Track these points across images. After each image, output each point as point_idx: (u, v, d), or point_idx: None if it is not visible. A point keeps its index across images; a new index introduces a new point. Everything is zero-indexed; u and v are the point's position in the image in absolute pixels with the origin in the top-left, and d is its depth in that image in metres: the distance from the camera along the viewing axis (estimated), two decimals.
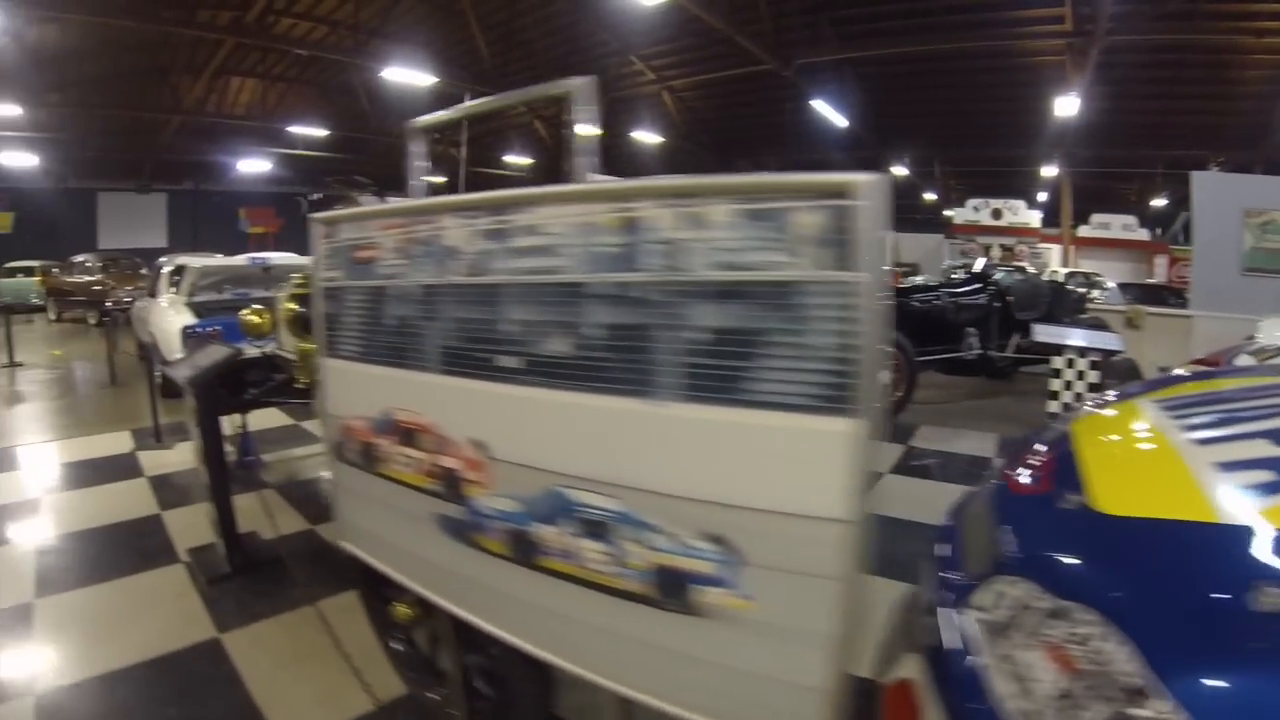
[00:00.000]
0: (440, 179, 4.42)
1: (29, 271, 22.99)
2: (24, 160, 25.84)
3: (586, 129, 1.90)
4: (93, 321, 18.02)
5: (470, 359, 2.00)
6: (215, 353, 4.39)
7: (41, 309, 20.10)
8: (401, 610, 2.64)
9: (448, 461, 2.09)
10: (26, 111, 21.25)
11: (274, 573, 4.33)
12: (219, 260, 10.47)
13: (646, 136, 24.82)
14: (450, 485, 2.09)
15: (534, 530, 1.87)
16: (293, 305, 3.80)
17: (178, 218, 33.91)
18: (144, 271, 19.33)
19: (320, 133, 26.21)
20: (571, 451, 1.77)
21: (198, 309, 8.65)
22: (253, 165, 29.69)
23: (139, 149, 28.47)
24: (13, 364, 12.16)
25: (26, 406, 9.44)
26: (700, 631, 1.57)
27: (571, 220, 1.73)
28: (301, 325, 3.75)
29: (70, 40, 20.96)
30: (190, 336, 7.73)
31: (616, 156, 25.15)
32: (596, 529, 1.72)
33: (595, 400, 1.70)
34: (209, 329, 7.76)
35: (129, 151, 28.71)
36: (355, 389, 2.45)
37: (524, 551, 1.91)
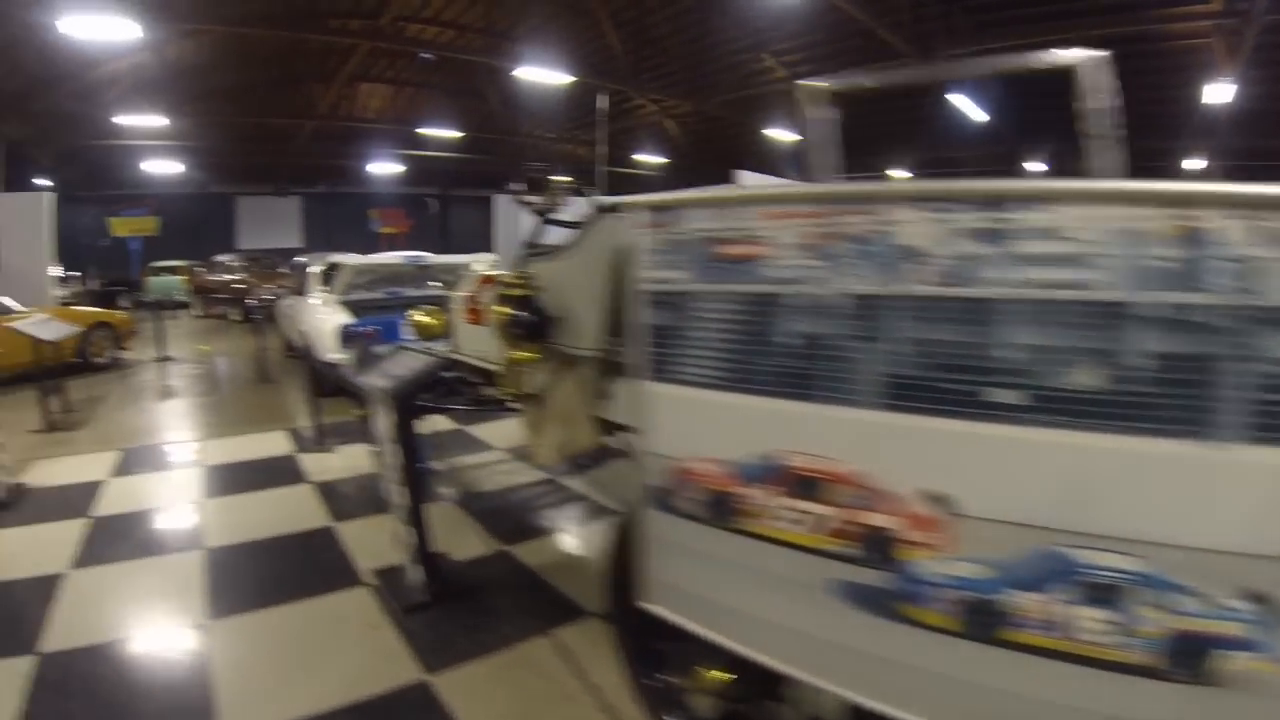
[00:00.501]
0: (566, 177, 3.98)
1: (174, 270, 23.97)
2: (168, 167, 27.35)
3: (1100, 111, 1.47)
4: (235, 318, 18.47)
5: (937, 392, 1.56)
6: (412, 360, 3.99)
7: (186, 305, 20.75)
8: (709, 681, 2.21)
9: (875, 519, 1.66)
10: (171, 122, 22.16)
11: (474, 602, 3.91)
12: (374, 258, 10.33)
13: (779, 135, 24.07)
14: (873, 547, 1.69)
15: (1006, 599, 1.54)
16: (505, 308, 3.39)
17: (311, 219, 35.04)
18: (282, 270, 19.94)
19: (450, 134, 26.40)
20: (1084, 504, 1.45)
21: (353, 307, 8.50)
22: (383, 168, 30.53)
23: (274, 154, 29.51)
24: (164, 358, 12.37)
25: (179, 402, 9.47)
26: (1214, 702, 1.38)
27: (1109, 225, 1.40)
28: (518, 331, 3.33)
29: (208, 54, 21.80)
30: (348, 336, 7.55)
31: (747, 156, 24.62)
32: (1104, 594, 1.45)
33: (1127, 442, 1.41)
34: (366, 328, 7.63)
35: (265, 157, 29.78)
36: (707, 424, 1.95)
37: (982, 624, 1.57)
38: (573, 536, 4.76)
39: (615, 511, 4.75)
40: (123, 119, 22.09)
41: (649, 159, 28.85)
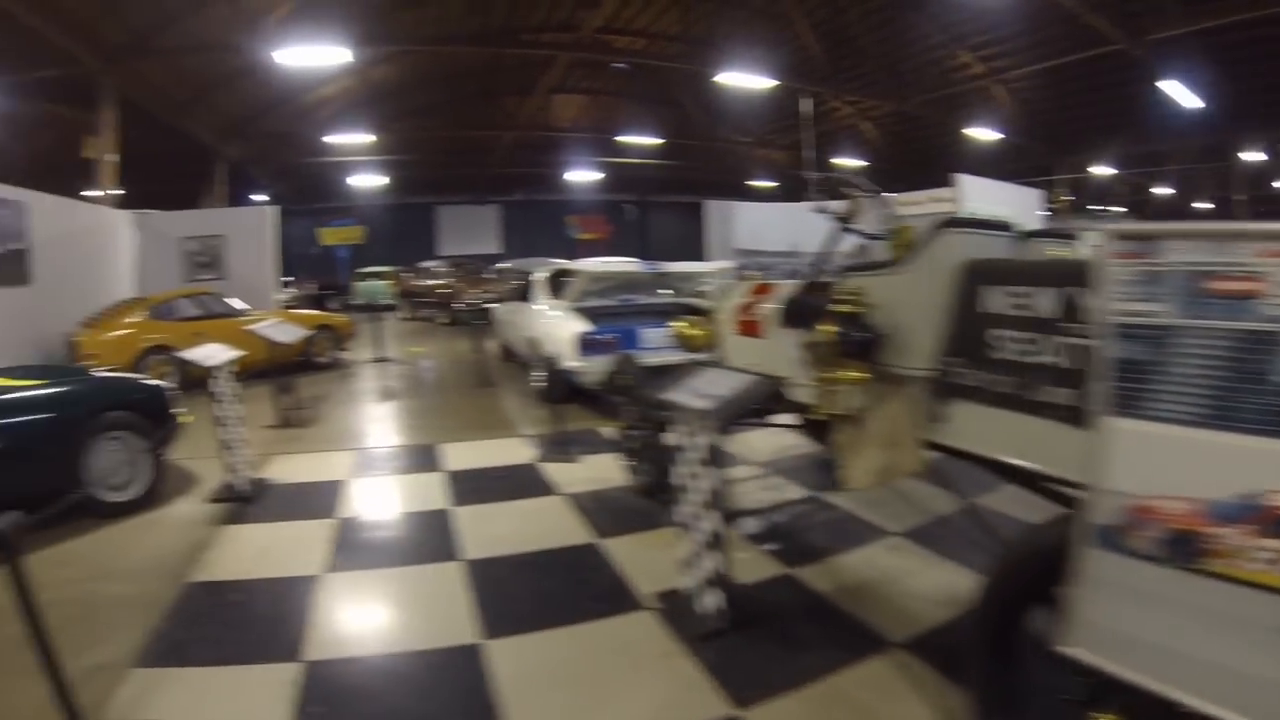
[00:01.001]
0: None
1: (380, 276, 25.29)
2: (373, 180, 29.12)
3: None
4: (442, 321, 19.20)
5: None
6: (726, 379, 3.73)
7: (393, 308, 21.67)
8: None
9: None
10: (376, 138, 23.52)
11: (769, 630, 3.57)
12: (609, 264, 10.36)
13: (979, 133, 23.06)
14: None
15: None
16: (832, 325, 3.25)
17: (510, 226, 36.53)
18: (487, 275, 20.61)
19: (646, 141, 26.59)
20: None
21: (589, 315, 8.42)
22: (580, 175, 31.15)
23: (474, 165, 30.88)
24: (381, 359, 12.78)
25: (404, 403, 9.70)
26: None
27: None
28: (845, 349, 3.19)
29: (409, 74, 23.00)
30: (588, 344, 7.49)
31: (948, 156, 23.69)
32: None
33: None
34: (606, 336, 7.54)
35: (464, 168, 31.28)
36: (1179, 460, 1.77)
37: None
38: (857, 560, 4.41)
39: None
40: (332, 137, 23.54)
41: (848, 162, 28.24)
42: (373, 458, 7.05)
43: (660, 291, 9.24)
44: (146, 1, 14.62)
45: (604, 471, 6.08)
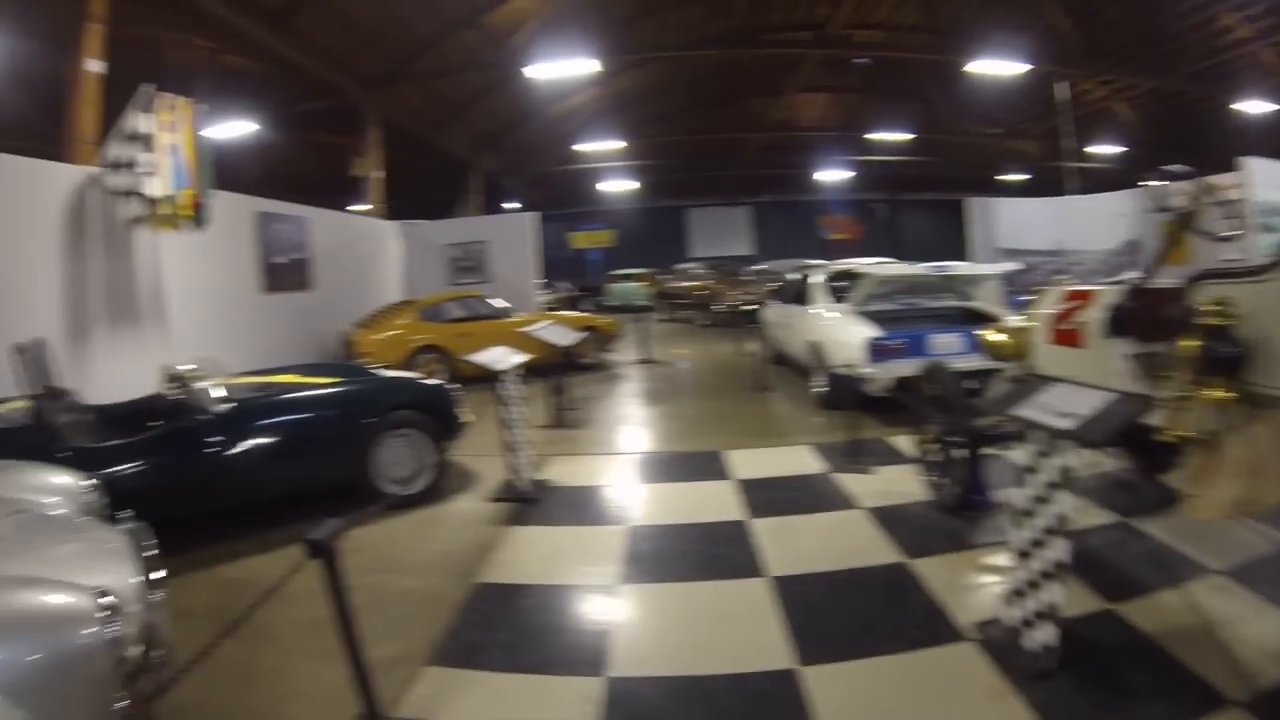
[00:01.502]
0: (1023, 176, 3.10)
1: (634, 278, 25.71)
2: (622, 185, 30.06)
3: None
4: (702, 323, 19.15)
5: None
6: (1089, 397, 3.18)
7: (648, 310, 22.15)
8: None
9: None
10: (624, 145, 24.12)
11: (1098, 673, 3.12)
12: (896, 267, 9.84)
13: (1251, 107, 20.13)
14: None
15: None
16: (1195, 339, 2.87)
17: (762, 227, 36.52)
18: (745, 277, 20.41)
19: (893, 137, 25.91)
20: None
21: (875, 319, 7.99)
22: (829, 175, 30.72)
23: (721, 167, 31.13)
24: (645, 360, 12.79)
25: (674, 406, 9.60)
26: None
27: None
28: (1211, 366, 2.86)
29: (654, 81, 23.27)
30: (877, 350, 7.12)
31: (1217, 136, 20.93)
32: None
33: None
34: (897, 341, 7.18)
35: (712, 170, 31.49)
36: None
37: None
38: (1179, 598, 3.79)
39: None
40: (581, 146, 24.46)
41: (1104, 149, 25.75)
42: (654, 462, 6.92)
43: (945, 296, 8.80)
44: (400, 33, 15.78)
45: (901, 484, 5.63)
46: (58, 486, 3.56)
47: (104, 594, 2.21)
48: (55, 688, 2.05)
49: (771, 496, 5.64)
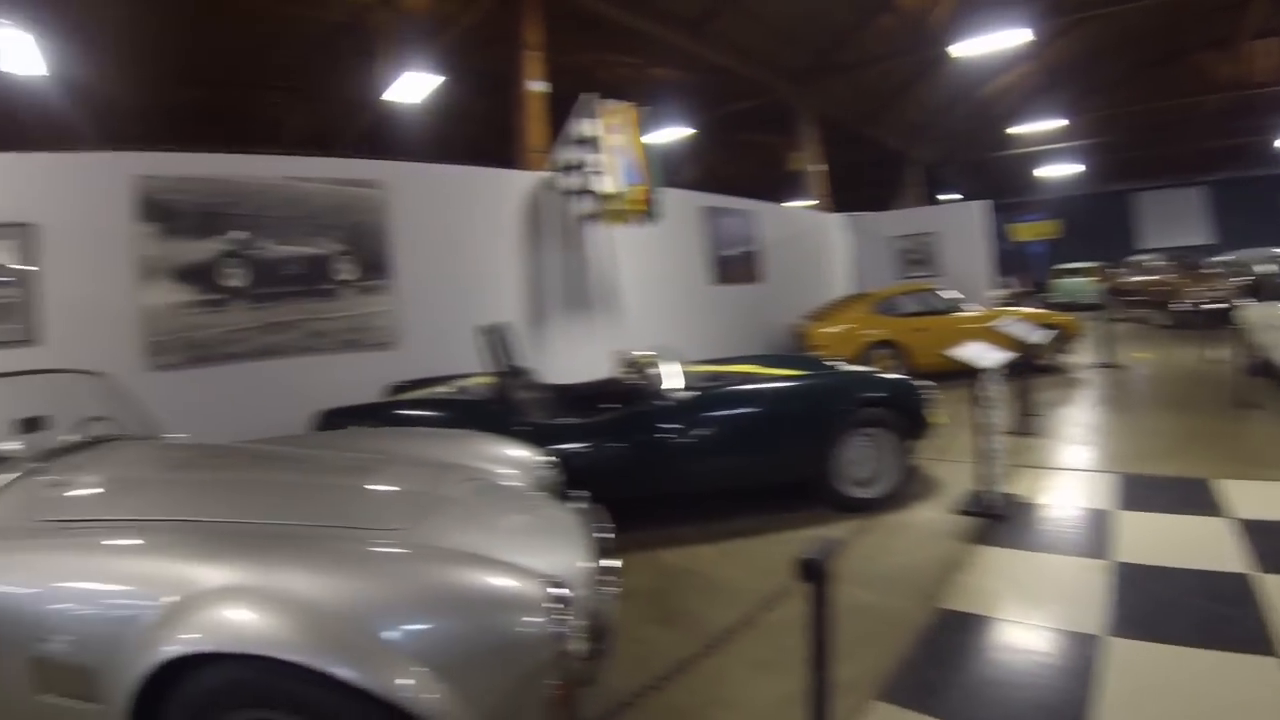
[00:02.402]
0: None
1: (1084, 272, 23.77)
2: (1061, 170, 27.46)
3: None
4: (1161, 323, 17.08)
5: None
6: None
7: (1097, 307, 19.96)
8: None
9: None
10: (1062, 125, 21.95)
11: None
12: None
13: None
14: None
15: None
16: None
17: (1219, 211, 30.76)
18: (1207, 270, 17.78)
19: None
20: None
21: None
22: None
23: (1170, 141, 26.93)
24: (1106, 364, 11.52)
25: (1148, 420, 8.41)
26: None
27: None
28: None
29: (1085, 46, 20.75)
30: None
31: None
32: None
33: None
34: None
35: (1159, 146, 27.42)
36: None
37: None
38: None
39: None
40: (1014, 129, 22.78)
41: None
42: (1129, 485, 5.84)
43: None
44: (817, 26, 15.62)
45: None
46: (515, 459, 3.72)
47: (555, 584, 2.22)
48: (489, 670, 2.07)
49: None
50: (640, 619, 3.76)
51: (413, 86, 11.38)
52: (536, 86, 9.74)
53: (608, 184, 7.56)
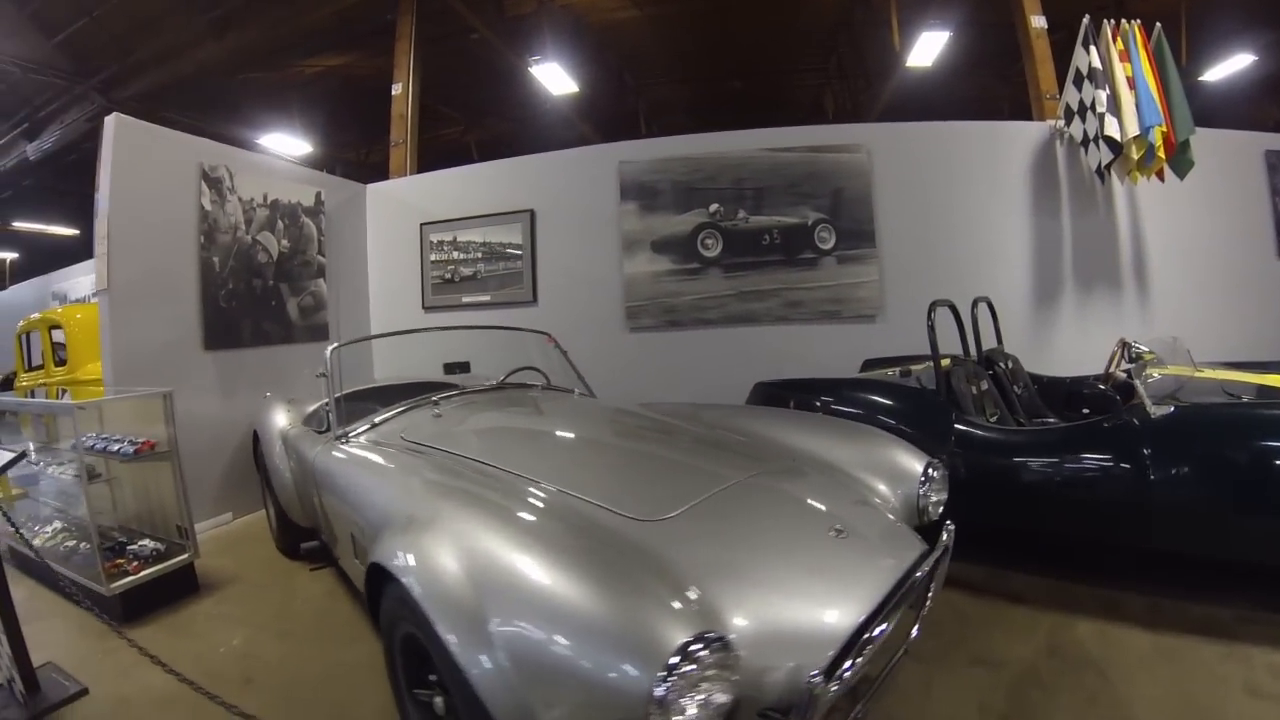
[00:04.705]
0: None
1: None
2: None
3: None
4: None
5: None
6: None
7: None
8: None
9: None
10: None
11: None
12: None
13: None
14: None
15: None
16: None
17: None
18: None
19: None
20: None
21: None
22: None
23: None
24: None
25: None
26: None
27: None
28: None
29: None
30: None
31: None
32: None
33: None
34: None
35: None
36: None
37: None
38: None
39: None
40: None
41: None
42: None
43: None
44: None
45: None
46: (896, 469, 3.20)
47: (711, 641, 1.80)
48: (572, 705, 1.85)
49: None
50: (962, 693, 2.90)
51: (927, 48, 10.81)
52: (1037, 22, 8.44)
53: (1121, 127, 6.13)
